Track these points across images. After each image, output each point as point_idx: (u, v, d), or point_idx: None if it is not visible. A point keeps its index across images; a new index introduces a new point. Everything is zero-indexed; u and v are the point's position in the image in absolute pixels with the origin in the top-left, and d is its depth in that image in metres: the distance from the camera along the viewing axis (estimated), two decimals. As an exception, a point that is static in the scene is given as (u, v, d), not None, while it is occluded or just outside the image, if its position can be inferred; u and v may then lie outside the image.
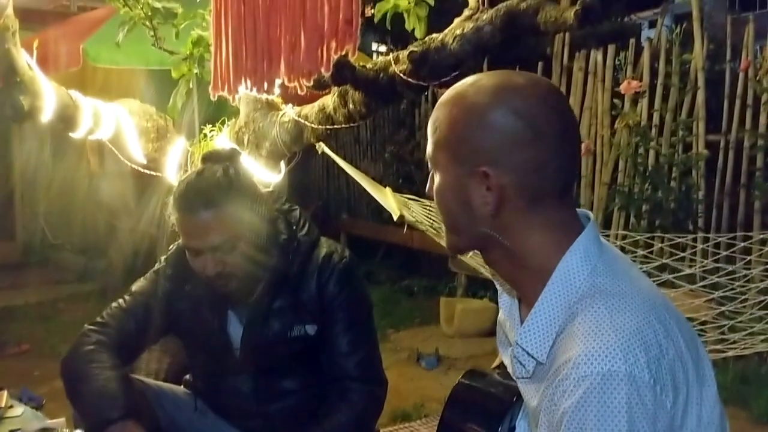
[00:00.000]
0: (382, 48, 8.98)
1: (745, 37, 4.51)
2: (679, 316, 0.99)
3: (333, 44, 1.59)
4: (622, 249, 3.70)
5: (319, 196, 7.11)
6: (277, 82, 1.78)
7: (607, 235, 4.06)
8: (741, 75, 4.46)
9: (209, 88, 1.80)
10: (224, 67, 1.67)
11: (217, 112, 2.75)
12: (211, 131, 2.57)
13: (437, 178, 1.03)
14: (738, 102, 4.49)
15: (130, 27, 2.21)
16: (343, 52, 1.63)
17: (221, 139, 2.47)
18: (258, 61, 1.63)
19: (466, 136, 0.98)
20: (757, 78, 4.30)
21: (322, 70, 1.69)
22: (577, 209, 1.04)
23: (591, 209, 5.18)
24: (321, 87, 2.07)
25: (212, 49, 1.78)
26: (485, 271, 2.95)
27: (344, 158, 2.78)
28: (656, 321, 0.91)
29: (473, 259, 2.84)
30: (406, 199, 2.88)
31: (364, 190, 2.85)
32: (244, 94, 2.23)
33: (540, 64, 5.82)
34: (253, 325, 1.64)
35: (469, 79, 1.03)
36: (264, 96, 2.04)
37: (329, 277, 1.66)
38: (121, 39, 2.24)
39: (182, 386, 1.85)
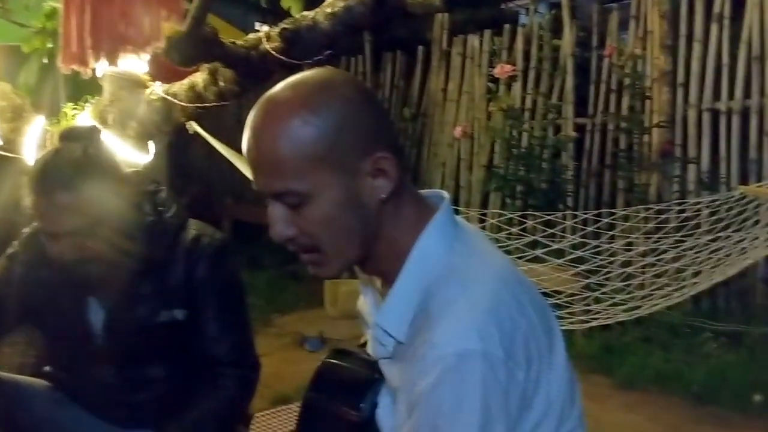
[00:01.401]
0: (266, 28, 8.82)
1: (610, 25, 4.77)
2: (531, 288, 1.02)
3: (163, 13, 1.54)
4: (498, 227, 3.84)
5: (201, 179, 6.90)
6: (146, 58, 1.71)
7: (485, 214, 4.21)
8: (606, 61, 4.71)
9: (58, 62, 1.69)
10: (73, 40, 1.59)
11: (81, 90, 2.61)
12: (73, 110, 2.44)
13: (318, 204, 0.91)
14: (603, 87, 4.75)
15: (-27, -3, 2.04)
16: (169, 21, 1.58)
17: (83, 118, 2.34)
18: (99, 33, 1.56)
19: (338, 136, 0.91)
20: (620, 64, 4.55)
21: (156, 41, 1.64)
22: (432, 189, 1.06)
23: (470, 191, 5.34)
24: (189, 63, 2.01)
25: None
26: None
27: (227, 140, 2.70)
28: (509, 296, 0.94)
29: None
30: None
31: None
32: (109, 71, 2.13)
33: (420, 48, 5.91)
34: (116, 312, 1.57)
35: (278, 94, 0.93)
36: (121, 70, 1.95)
37: (198, 260, 1.61)
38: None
39: (42, 378, 1.75)
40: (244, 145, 0.94)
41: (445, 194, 1.04)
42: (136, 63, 1.73)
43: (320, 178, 0.91)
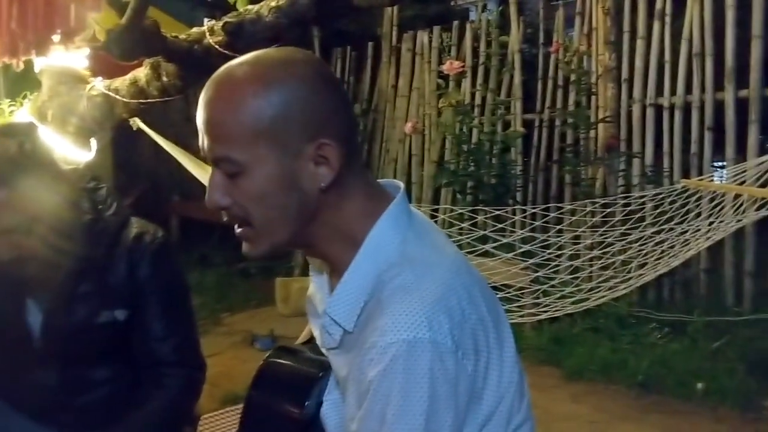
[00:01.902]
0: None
1: (556, 22, 4.85)
2: (481, 281, 1.02)
3: (88, 2, 1.50)
4: (450, 223, 3.87)
5: (148, 177, 6.76)
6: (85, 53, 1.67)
7: (437, 209, 4.22)
8: (552, 57, 4.78)
9: (-11, 55, 1.64)
10: (2, 31, 1.53)
11: (20, 86, 2.53)
12: (10, 106, 2.37)
13: (253, 177, 0.91)
14: (550, 83, 4.82)
15: None
16: (94, 11, 1.54)
17: (22, 115, 2.27)
18: (26, 23, 1.51)
19: (285, 114, 0.90)
20: (566, 60, 4.63)
21: (82, 31, 1.59)
22: (388, 179, 1.05)
23: (422, 186, 5.36)
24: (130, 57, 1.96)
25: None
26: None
27: (174, 137, 2.65)
28: (461, 288, 0.94)
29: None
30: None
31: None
32: (48, 65, 2.07)
33: (371, 43, 5.91)
34: (54, 313, 1.52)
35: (237, 65, 0.92)
36: (60, 65, 1.89)
37: (140, 258, 1.58)
38: None
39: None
40: (197, 110, 0.94)
41: (400, 184, 1.04)
42: (71, 56, 1.68)
43: (259, 151, 0.91)
